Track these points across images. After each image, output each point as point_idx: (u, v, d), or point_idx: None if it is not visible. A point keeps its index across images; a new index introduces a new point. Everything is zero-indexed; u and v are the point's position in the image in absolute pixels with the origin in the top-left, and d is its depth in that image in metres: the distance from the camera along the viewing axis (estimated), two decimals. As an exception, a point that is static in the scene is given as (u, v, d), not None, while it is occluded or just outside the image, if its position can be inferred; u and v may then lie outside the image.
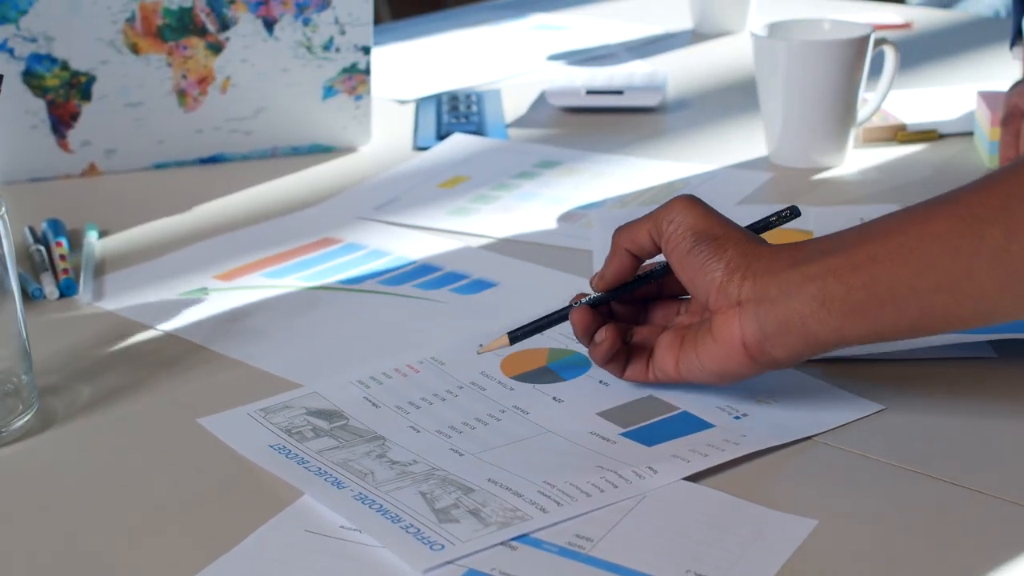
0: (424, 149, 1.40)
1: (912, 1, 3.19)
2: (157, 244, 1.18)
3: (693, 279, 0.85)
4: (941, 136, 1.38)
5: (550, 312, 0.92)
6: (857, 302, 0.79)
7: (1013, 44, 1.37)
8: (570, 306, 0.91)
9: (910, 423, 0.86)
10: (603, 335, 0.88)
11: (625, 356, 0.89)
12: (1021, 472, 0.80)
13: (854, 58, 1.26)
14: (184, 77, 1.31)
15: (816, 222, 1.14)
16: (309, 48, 1.32)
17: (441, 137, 1.42)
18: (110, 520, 0.79)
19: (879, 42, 1.32)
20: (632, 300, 0.92)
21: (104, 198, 1.30)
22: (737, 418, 0.86)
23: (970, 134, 1.38)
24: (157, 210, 1.26)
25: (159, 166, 1.35)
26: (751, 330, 0.82)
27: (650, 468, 0.80)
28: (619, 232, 0.89)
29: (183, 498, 0.81)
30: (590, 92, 1.50)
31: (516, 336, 0.91)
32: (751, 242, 0.84)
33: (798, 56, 1.26)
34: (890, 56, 1.33)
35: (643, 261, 0.90)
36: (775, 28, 1.31)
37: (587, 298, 0.91)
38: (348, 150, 1.40)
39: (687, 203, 0.87)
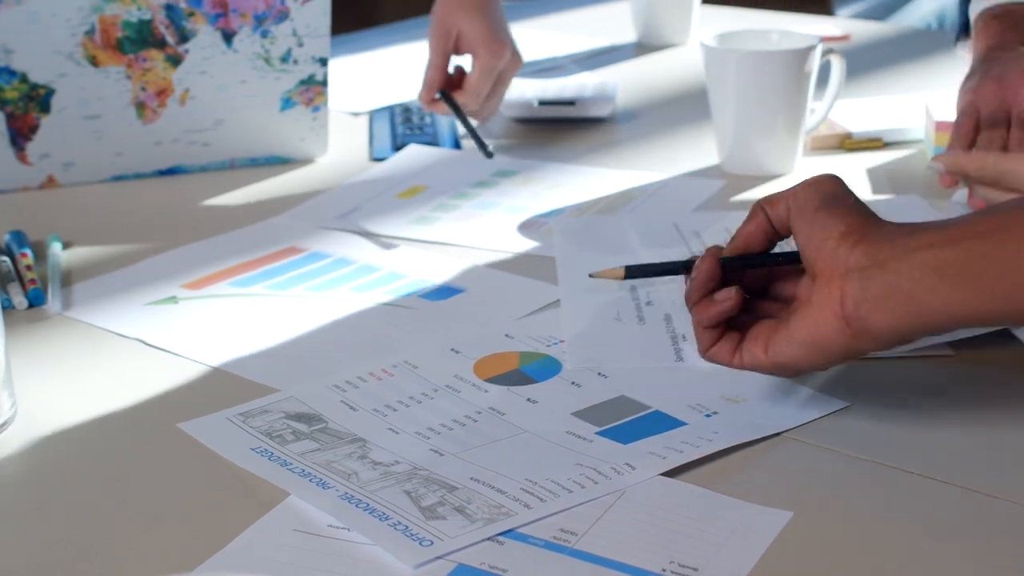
0: (381, 160, 1.41)
1: (841, 14, 3.24)
2: (121, 255, 1.19)
3: (808, 239, 0.82)
4: (886, 144, 1.42)
5: (670, 261, 0.90)
6: (975, 271, 0.76)
7: (958, 39, 1.39)
8: (691, 260, 0.88)
9: (874, 419, 0.88)
10: (728, 295, 0.85)
11: (720, 332, 0.87)
12: (981, 462, 0.83)
13: (803, 68, 1.30)
14: (143, 89, 1.32)
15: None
16: (267, 60, 1.34)
17: (397, 148, 1.43)
18: (94, 526, 0.80)
19: (826, 52, 1.35)
20: (745, 285, 0.88)
21: (64, 210, 1.30)
22: (708, 416, 0.88)
23: (913, 142, 1.41)
24: (117, 222, 1.27)
25: (117, 178, 1.36)
26: (852, 292, 0.78)
27: (628, 465, 0.82)
28: (762, 199, 0.87)
29: (168, 502, 0.82)
30: (542, 103, 1.52)
31: (632, 272, 0.89)
32: (876, 218, 0.82)
33: (749, 66, 1.29)
34: (837, 66, 1.36)
35: (777, 235, 0.86)
36: (725, 39, 1.34)
37: (719, 255, 0.87)
38: (305, 161, 1.41)
39: (829, 175, 0.85)
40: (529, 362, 0.97)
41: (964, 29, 1.37)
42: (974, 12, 1.34)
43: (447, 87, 1.44)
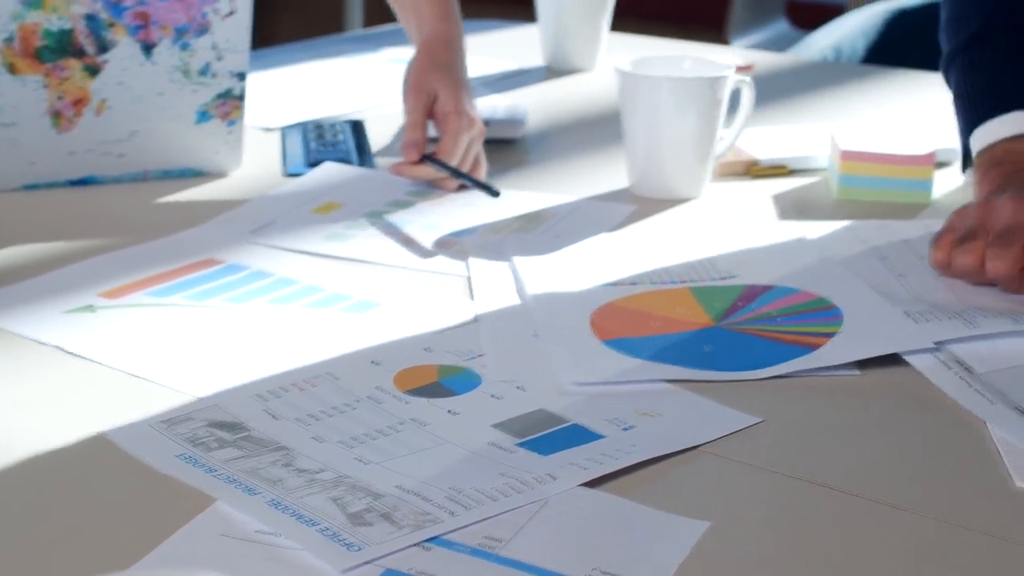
0: (295, 175, 1.42)
1: (738, 44, 3.30)
2: (35, 264, 1.19)
3: None
4: (791, 171, 1.45)
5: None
6: None
7: (965, 168, 1.34)
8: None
9: (787, 434, 0.91)
10: None
11: None
12: (887, 475, 0.87)
13: (716, 95, 1.33)
14: (60, 98, 1.31)
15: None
16: (186, 73, 1.34)
17: (311, 164, 1.44)
18: (21, 535, 0.80)
19: (736, 81, 1.38)
20: None
21: (-25, 218, 1.30)
22: (626, 429, 0.91)
23: (817, 170, 1.45)
24: (30, 231, 1.26)
25: (29, 187, 1.35)
26: None
27: (549, 475, 0.84)
28: None
29: (93, 509, 0.82)
30: (455, 124, 1.53)
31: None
32: None
33: (663, 92, 1.32)
34: (746, 94, 1.40)
35: None
36: (639, 64, 1.37)
37: None
38: (219, 175, 1.42)
39: None
40: (449, 375, 0.98)
41: (967, 156, 1.33)
42: (976, 144, 1.29)
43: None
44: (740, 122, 1.40)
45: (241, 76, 1.37)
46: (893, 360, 1.01)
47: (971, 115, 1.31)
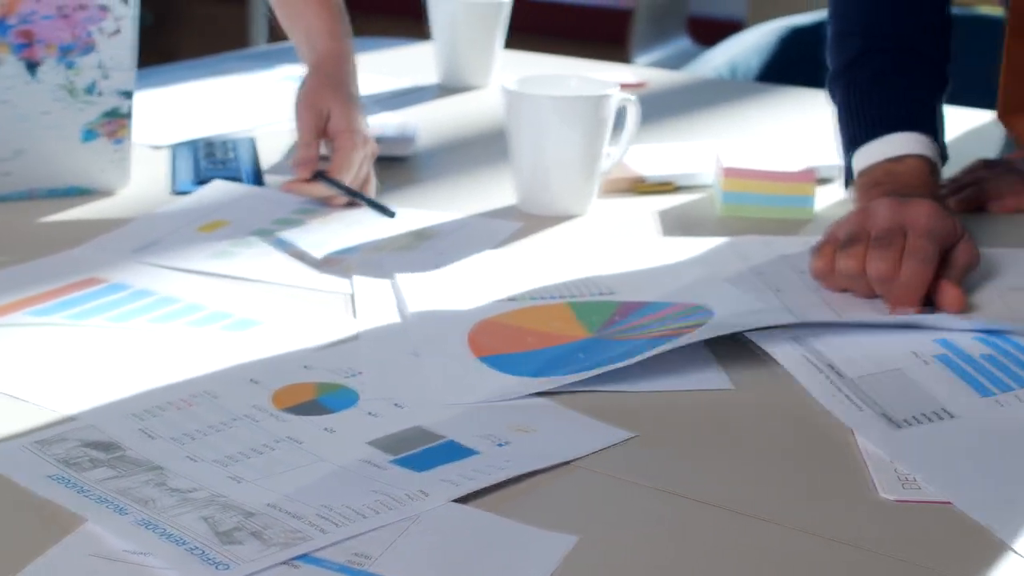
0: (183, 194, 1.42)
1: (639, 62, 3.33)
2: (-84, 283, 1.18)
3: None
4: (677, 188, 1.47)
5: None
6: None
7: (847, 185, 1.36)
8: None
9: (660, 448, 0.93)
10: None
11: None
12: (758, 487, 0.88)
13: (600, 113, 1.35)
14: (-57, 117, 1.31)
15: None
16: (71, 91, 1.34)
17: (200, 182, 1.44)
18: None
19: (622, 99, 1.40)
20: None
21: None
22: (500, 445, 0.92)
23: (703, 187, 1.47)
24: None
25: (-88, 206, 1.34)
26: None
27: (421, 492, 0.85)
28: None
29: (-37, 527, 0.82)
30: (344, 141, 1.54)
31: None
32: None
33: (548, 110, 1.34)
34: (632, 112, 1.41)
35: None
36: (525, 83, 1.38)
37: None
38: (106, 193, 1.41)
39: None
40: (326, 392, 0.99)
41: (849, 175, 1.34)
42: (858, 164, 1.32)
43: None
44: (626, 140, 1.42)
45: (127, 95, 1.37)
46: (766, 369, 1.03)
47: (854, 134, 1.33)
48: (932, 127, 1.31)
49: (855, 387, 0.98)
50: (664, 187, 1.47)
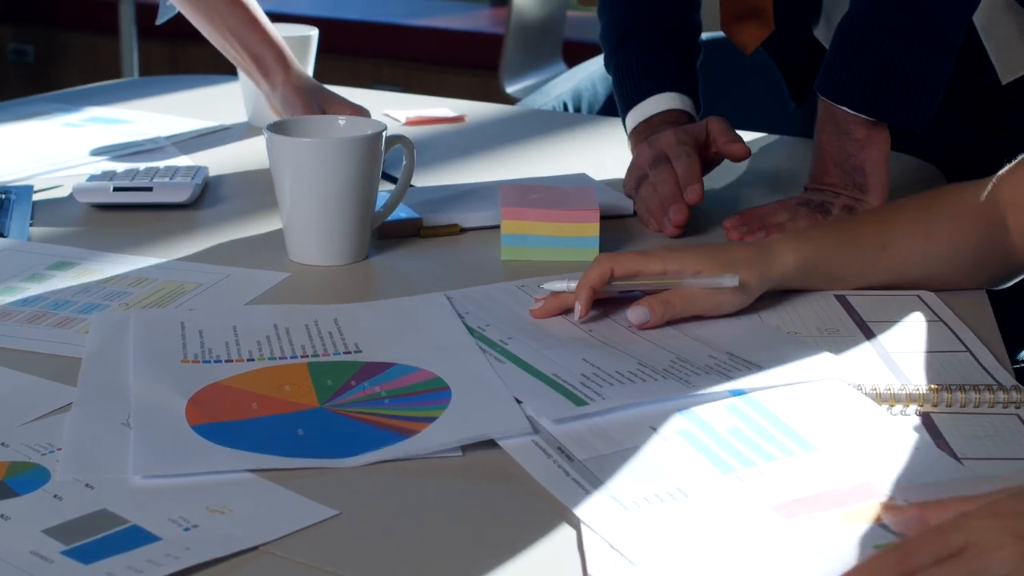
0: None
1: (511, 88, 3.26)
2: None
3: None
4: (463, 230, 1.41)
5: None
6: None
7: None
8: None
9: (363, 527, 0.85)
10: None
11: None
12: (467, 569, 0.81)
13: (367, 155, 1.27)
14: None
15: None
16: None
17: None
18: None
19: (396, 140, 1.33)
20: None
21: None
22: (187, 530, 0.84)
23: (490, 228, 1.40)
24: None
25: None
26: None
27: (79, 588, 0.77)
28: None
29: None
30: (117, 189, 1.46)
31: None
32: None
33: (307, 154, 1.26)
34: (407, 153, 1.34)
35: None
36: (287, 125, 1.31)
37: None
38: None
39: None
40: (16, 473, 0.91)
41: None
42: (636, 117, 1.58)
43: None
44: (403, 182, 1.35)
45: None
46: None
47: (631, 94, 1.59)
48: (682, 85, 1.58)
49: (583, 470, 0.91)
50: (448, 229, 1.40)
